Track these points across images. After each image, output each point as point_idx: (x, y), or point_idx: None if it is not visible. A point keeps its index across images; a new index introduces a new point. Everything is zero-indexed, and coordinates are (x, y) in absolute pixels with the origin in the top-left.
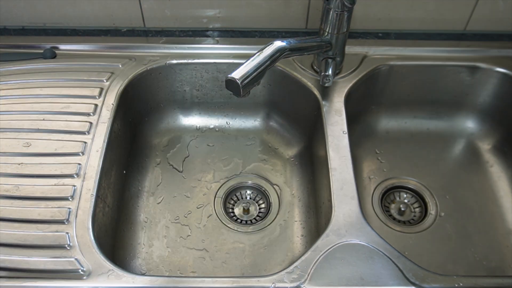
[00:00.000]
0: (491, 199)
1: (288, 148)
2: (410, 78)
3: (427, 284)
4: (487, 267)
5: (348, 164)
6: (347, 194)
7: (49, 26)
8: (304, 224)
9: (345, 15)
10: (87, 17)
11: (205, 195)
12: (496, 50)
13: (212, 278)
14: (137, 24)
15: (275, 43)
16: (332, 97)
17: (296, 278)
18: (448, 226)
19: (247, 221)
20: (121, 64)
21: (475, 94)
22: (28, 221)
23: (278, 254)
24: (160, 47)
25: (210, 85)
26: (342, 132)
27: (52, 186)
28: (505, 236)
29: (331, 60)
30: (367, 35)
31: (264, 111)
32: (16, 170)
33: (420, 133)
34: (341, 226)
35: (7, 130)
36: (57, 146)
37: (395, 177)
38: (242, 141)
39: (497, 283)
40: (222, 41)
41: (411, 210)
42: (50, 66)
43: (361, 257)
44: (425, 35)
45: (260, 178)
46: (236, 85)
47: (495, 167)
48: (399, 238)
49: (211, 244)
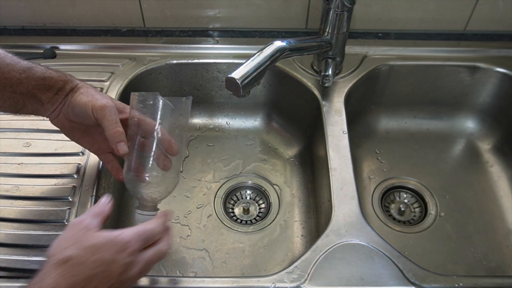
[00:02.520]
0: (491, 199)
1: (288, 148)
2: (410, 78)
3: (427, 284)
4: (487, 267)
5: (348, 164)
6: (347, 194)
7: (49, 26)
8: (304, 224)
9: (345, 15)
10: (87, 17)
11: (205, 195)
12: (496, 50)
13: (212, 278)
14: (137, 24)
15: (275, 43)
16: (332, 97)
17: (296, 278)
18: (448, 226)
19: (247, 221)
20: (121, 64)
21: (475, 94)
22: (28, 221)
23: (278, 254)
24: (160, 47)
25: (210, 85)
26: (342, 132)
27: (52, 186)
28: (505, 236)
29: (331, 60)
30: (367, 35)
31: (264, 111)
32: (16, 170)
33: (420, 133)
34: (341, 226)
35: (7, 130)
36: (57, 146)
37: (395, 177)
38: (242, 141)
39: (497, 283)
40: (222, 41)
41: (411, 210)
42: (50, 66)
43: (361, 257)
44: (425, 35)
45: (260, 178)
46: (236, 85)
47: (495, 167)
48: (399, 238)
49: (211, 244)
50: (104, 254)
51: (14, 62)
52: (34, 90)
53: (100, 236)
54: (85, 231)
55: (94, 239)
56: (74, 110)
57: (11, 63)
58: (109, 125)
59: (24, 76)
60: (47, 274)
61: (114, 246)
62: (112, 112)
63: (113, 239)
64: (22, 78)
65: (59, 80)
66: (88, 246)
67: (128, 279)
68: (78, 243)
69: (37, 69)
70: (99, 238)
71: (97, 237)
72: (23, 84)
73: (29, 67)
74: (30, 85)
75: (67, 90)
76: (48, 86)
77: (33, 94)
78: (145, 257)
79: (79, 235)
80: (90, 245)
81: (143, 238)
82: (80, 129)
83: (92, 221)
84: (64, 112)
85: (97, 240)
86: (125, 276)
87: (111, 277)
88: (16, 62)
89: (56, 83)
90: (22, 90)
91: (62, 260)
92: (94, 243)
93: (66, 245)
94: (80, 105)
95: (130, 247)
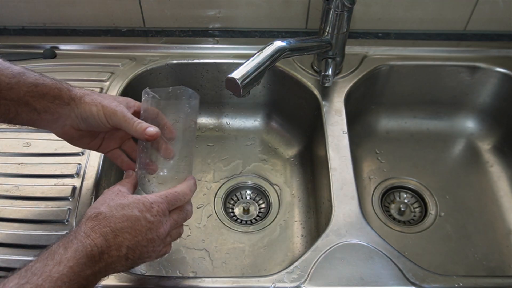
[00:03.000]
0: (491, 199)
1: (288, 148)
2: (410, 78)
3: (427, 284)
4: (487, 267)
5: (348, 164)
6: (347, 194)
7: (49, 26)
8: (304, 224)
9: (345, 15)
10: (87, 17)
11: (205, 195)
12: (496, 50)
13: (212, 278)
14: (137, 24)
15: (275, 43)
16: (332, 97)
17: (296, 278)
18: (448, 226)
19: (247, 221)
20: (121, 64)
21: (475, 94)
22: (28, 221)
23: (278, 254)
24: (160, 47)
25: (210, 85)
26: (342, 132)
27: (52, 186)
28: (505, 236)
29: (331, 60)
30: (367, 35)
31: (264, 111)
32: (16, 170)
33: (420, 133)
34: (341, 226)
35: (7, 130)
36: (57, 146)
37: (395, 177)
38: (242, 141)
39: (497, 283)
40: (222, 41)
41: (411, 210)
42: (50, 66)
43: (361, 257)
44: (425, 35)
45: (260, 178)
46: (236, 85)
47: (495, 167)
48: (399, 238)
49: (211, 244)
50: (130, 211)
51: (4, 66)
52: (26, 97)
53: (128, 197)
54: (115, 194)
55: (123, 199)
56: (87, 121)
57: (0, 67)
58: (129, 126)
59: (14, 81)
60: (80, 227)
61: (140, 204)
62: (125, 112)
63: (139, 199)
64: (12, 83)
65: (53, 87)
66: (116, 204)
67: (155, 239)
68: (108, 202)
69: (30, 74)
70: (127, 198)
71: (126, 197)
72: (14, 90)
73: (20, 72)
74: (21, 91)
75: (66, 99)
76: (41, 94)
77: (25, 102)
78: (171, 218)
79: (110, 198)
80: (118, 204)
81: (169, 200)
82: (89, 135)
83: (121, 187)
84: (73, 124)
85: (125, 200)
86: (152, 235)
87: (138, 232)
88: (6, 67)
89: (50, 91)
90: (13, 96)
91: (93, 214)
92: (121, 202)
93: (98, 205)
94: (93, 115)
95: (156, 207)
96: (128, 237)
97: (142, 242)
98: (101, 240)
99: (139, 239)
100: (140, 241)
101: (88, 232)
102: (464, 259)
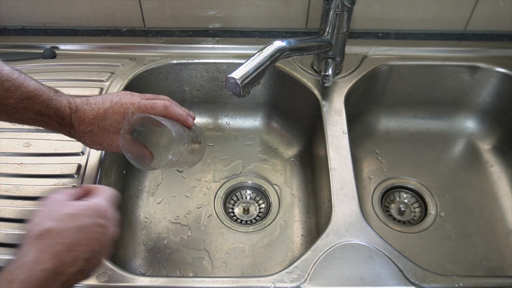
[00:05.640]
0: (491, 199)
1: (288, 148)
2: (410, 78)
3: (427, 284)
4: (487, 267)
5: (348, 164)
6: (347, 194)
7: (49, 26)
8: (304, 224)
9: (345, 15)
10: (87, 17)
11: (205, 195)
12: (496, 50)
13: (212, 278)
14: (137, 24)
15: (275, 43)
16: (332, 97)
17: (296, 278)
18: (448, 226)
19: (247, 221)
20: (121, 64)
21: (475, 94)
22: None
23: (278, 254)
24: (160, 47)
25: (210, 85)
26: (342, 132)
27: (52, 186)
28: (505, 236)
29: (331, 60)
30: (367, 35)
31: (264, 111)
32: (16, 170)
33: (420, 133)
34: (341, 226)
35: (7, 130)
36: (57, 146)
37: (395, 177)
38: (242, 141)
39: (497, 283)
40: (222, 41)
41: (411, 210)
42: (50, 66)
43: (361, 257)
44: (425, 35)
45: (260, 178)
46: (236, 85)
47: (495, 167)
48: (399, 238)
49: (211, 244)
50: (82, 220)
51: (15, 86)
52: (30, 121)
53: (75, 204)
54: (58, 204)
55: (68, 208)
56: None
57: (12, 89)
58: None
59: (21, 106)
60: (27, 250)
61: (89, 210)
62: None
63: (84, 205)
64: (19, 108)
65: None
66: (64, 215)
67: (105, 243)
68: (54, 215)
69: (37, 101)
70: (73, 206)
71: (71, 206)
72: (20, 114)
73: (28, 97)
74: (26, 116)
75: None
76: (45, 123)
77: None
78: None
79: (53, 209)
80: (65, 214)
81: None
82: None
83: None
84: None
85: (70, 209)
86: (103, 239)
87: (92, 241)
88: (18, 87)
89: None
90: (19, 118)
91: (40, 233)
92: (69, 212)
93: (42, 220)
94: None
95: (104, 210)
96: (84, 249)
97: (96, 248)
98: (54, 262)
99: (93, 246)
100: (95, 249)
101: (37, 256)
102: (464, 259)
